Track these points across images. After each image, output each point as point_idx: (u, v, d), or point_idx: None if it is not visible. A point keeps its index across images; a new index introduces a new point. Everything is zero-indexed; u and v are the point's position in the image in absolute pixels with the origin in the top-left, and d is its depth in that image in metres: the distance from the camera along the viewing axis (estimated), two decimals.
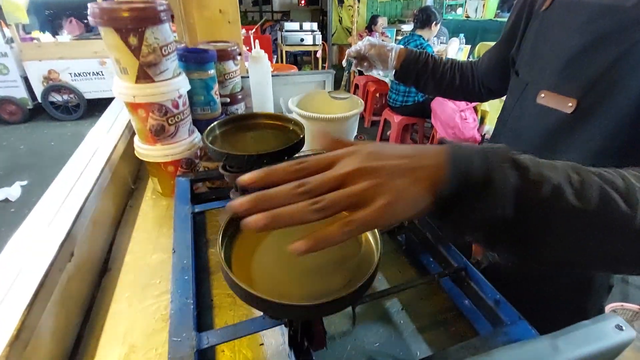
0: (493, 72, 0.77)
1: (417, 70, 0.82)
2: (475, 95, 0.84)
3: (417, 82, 0.84)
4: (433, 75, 0.82)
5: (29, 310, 0.39)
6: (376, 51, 0.81)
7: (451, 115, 2.53)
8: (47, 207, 0.56)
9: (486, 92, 0.82)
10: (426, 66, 0.82)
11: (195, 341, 0.42)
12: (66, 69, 4.03)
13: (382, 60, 0.81)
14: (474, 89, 0.82)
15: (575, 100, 0.54)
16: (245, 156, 0.54)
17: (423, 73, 0.82)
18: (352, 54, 0.83)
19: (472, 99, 0.88)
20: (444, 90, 0.85)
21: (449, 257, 0.56)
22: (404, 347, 0.49)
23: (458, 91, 0.84)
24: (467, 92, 0.84)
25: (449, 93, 0.86)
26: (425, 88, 0.85)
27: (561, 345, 0.33)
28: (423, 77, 0.83)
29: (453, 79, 0.82)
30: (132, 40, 0.62)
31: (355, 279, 0.33)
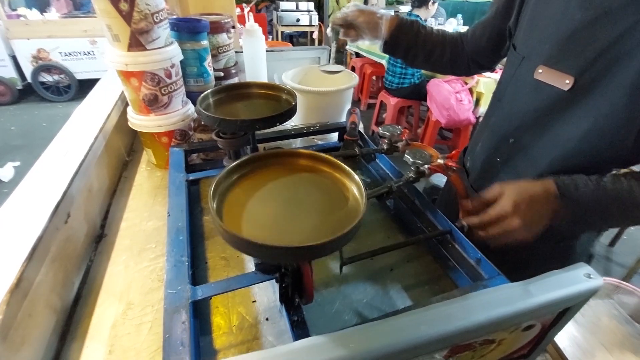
0: (485, 46, 0.74)
1: (407, 40, 0.76)
2: (463, 69, 0.81)
3: (406, 54, 0.79)
4: (423, 47, 0.77)
5: (27, 263, 0.40)
6: (365, 18, 0.73)
7: (446, 97, 2.53)
8: (43, 171, 0.57)
9: (475, 66, 0.79)
10: (417, 37, 0.77)
11: (190, 293, 0.44)
12: (56, 48, 3.93)
13: (371, 29, 0.74)
14: (463, 63, 0.79)
15: (573, 78, 0.52)
16: (238, 121, 0.55)
17: (413, 44, 0.77)
18: (338, 22, 0.75)
19: (459, 72, 0.84)
20: (433, 63, 0.81)
21: (435, 222, 0.58)
22: (389, 303, 0.52)
23: (447, 65, 0.80)
24: (456, 65, 0.80)
25: (437, 66, 0.82)
26: (414, 60, 0.80)
27: (532, 290, 0.35)
28: (413, 48, 0.77)
29: (443, 51, 0.78)
30: (123, 6, 0.61)
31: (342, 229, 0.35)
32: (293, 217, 0.39)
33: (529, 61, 0.59)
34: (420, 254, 0.60)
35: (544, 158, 0.59)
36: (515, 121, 0.63)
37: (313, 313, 0.50)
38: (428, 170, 0.59)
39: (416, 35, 0.77)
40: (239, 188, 0.41)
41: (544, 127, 0.59)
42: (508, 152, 0.65)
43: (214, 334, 0.48)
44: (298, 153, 0.45)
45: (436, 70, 0.85)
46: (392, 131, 0.65)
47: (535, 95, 0.59)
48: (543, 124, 0.59)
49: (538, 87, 0.57)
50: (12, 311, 0.36)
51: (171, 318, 0.41)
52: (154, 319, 0.50)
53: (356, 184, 0.41)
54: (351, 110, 0.82)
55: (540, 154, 0.60)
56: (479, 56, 0.76)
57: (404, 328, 0.32)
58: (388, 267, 0.58)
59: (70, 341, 0.48)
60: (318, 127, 0.84)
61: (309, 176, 0.44)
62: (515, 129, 0.63)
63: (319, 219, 0.39)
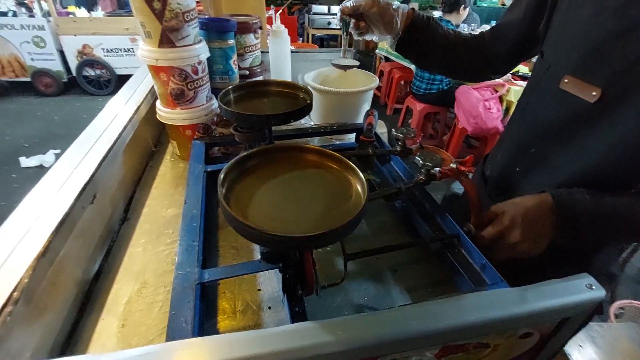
0: (507, 49, 0.69)
1: (423, 38, 0.69)
2: (478, 73, 0.76)
3: (420, 54, 0.72)
4: (439, 47, 0.71)
5: (54, 235, 0.44)
6: (379, 10, 0.66)
7: (475, 104, 2.47)
8: (75, 155, 0.62)
9: (490, 71, 0.74)
10: (434, 35, 0.70)
11: (198, 275, 0.46)
12: (99, 44, 4.18)
13: (386, 22, 0.67)
14: (479, 66, 0.74)
15: (600, 90, 0.50)
16: (254, 116, 0.57)
17: (429, 43, 0.70)
18: (348, 11, 0.68)
19: (473, 76, 0.79)
20: (447, 66, 0.75)
21: (444, 225, 0.58)
22: (390, 303, 0.53)
23: (461, 68, 0.74)
24: (471, 69, 0.74)
25: (451, 70, 0.75)
26: (428, 62, 0.74)
27: (529, 296, 0.35)
28: (429, 48, 0.70)
29: (460, 53, 0.72)
30: (156, 5, 0.66)
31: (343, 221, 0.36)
32: (297, 209, 0.40)
33: (555, 70, 0.57)
34: (426, 257, 0.60)
35: (565, 170, 0.58)
36: (537, 131, 0.61)
37: (314, 306, 0.52)
38: (439, 174, 0.59)
39: (433, 34, 0.70)
40: (248, 178, 0.43)
41: (567, 138, 0.57)
42: (528, 162, 0.63)
43: (219, 317, 0.51)
44: (306, 148, 0.47)
45: (449, 74, 0.81)
46: (406, 133, 0.66)
47: (559, 105, 0.57)
48: (566, 135, 0.57)
49: (563, 98, 0.55)
50: (38, 277, 0.40)
51: (179, 297, 0.44)
52: (165, 299, 0.53)
53: (360, 181, 0.42)
54: (369, 111, 0.83)
55: (561, 166, 0.58)
56: (498, 60, 0.72)
57: (393, 321, 0.33)
58: (392, 267, 0.59)
59: (89, 312, 0.52)
60: (335, 127, 0.85)
61: (315, 171, 0.46)
62: (537, 139, 0.62)
63: (322, 212, 0.40)
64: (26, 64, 4.13)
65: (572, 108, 0.55)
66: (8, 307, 0.35)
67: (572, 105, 0.54)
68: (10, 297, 0.35)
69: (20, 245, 0.41)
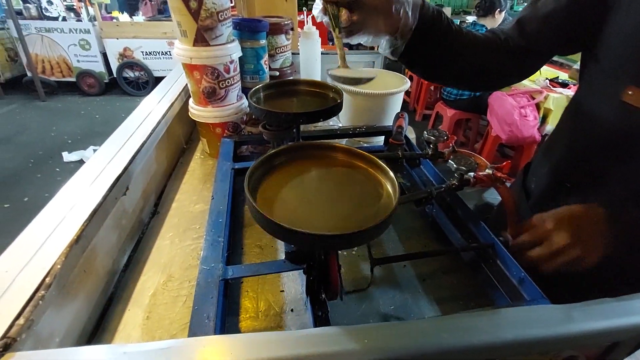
0: (538, 47, 0.58)
1: (436, 40, 0.55)
2: (493, 79, 0.64)
3: (429, 58, 0.58)
4: (451, 49, 0.57)
5: (87, 223, 0.45)
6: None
7: (509, 111, 2.37)
8: (109, 149, 0.64)
9: (518, 73, 0.62)
10: (447, 34, 0.55)
11: (222, 271, 0.46)
12: (139, 47, 4.39)
13: (387, 15, 0.51)
14: (496, 70, 0.61)
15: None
16: (282, 114, 0.57)
17: (442, 46, 0.56)
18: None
19: (494, 84, 0.67)
20: (456, 73, 0.61)
21: (477, 234, 0.55)
22: (418, 313, 0.50)
23: (473, 74, 0.61)
24: (485, 74, 0.62)
25: (469, 78, 0.62)
26: (441, 72, 0.61)
27: (575, 315, 0.32)
28: (443, 52, 0.56)
29: (474, 55, 0.59)
30: (193, 4, 0.67)
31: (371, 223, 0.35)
32: (324, 208, 0.39)
33: (615, 79, 0.51)
34: (457, 267, 0.57)
35: (622, 188, 0.52)
36: (593, 144, 0.55)
37: (338, 311, 0.50)
38: (473, 179, 0.56)
39: (446, 33, 0.55)
40: (275, 175, 0.42)
41: (629, 154, 0.51)
42: (581, 177, 0.57)
43: (241, 316, 0.50)
44: (335, 147, 0.46)
45: (464, 83, 0.67)
46: (438, 136, 0.63)
47: (621, 118, 0.51)
48: (628, 151, 0.51)
49: (625, 110, 0.49)
50: (70, 263, 0.41)
51: (202, 292, 0.43)
52: (189, 294, 0.54)
53: (391, 181, 0.41)
54: (399, 114, 0.81)
55: (618, 184, 0.53)
56: (524, 59, 0.60)
57: (423, 333, 0.31)
58: (421, 276, 0.56)
59: (116, 302, 0.53)
60: (364, 129, 0.83)
61: (344, 170, 0.44)
62: (592, 153, 0.56)
63: (350, 212, 0.39)
64: (72, 65, 4.41)
65: (635, 122, 0.49)
66: (40, 292, 0.36)
67: (635, 119, 0.48)
68: (43, 282, 0.36)
69: (55, 233, 0.42)
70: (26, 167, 2.96)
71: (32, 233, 0.43)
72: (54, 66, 4.43)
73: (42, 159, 3.10)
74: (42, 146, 3.29)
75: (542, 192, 0.64)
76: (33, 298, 0.35)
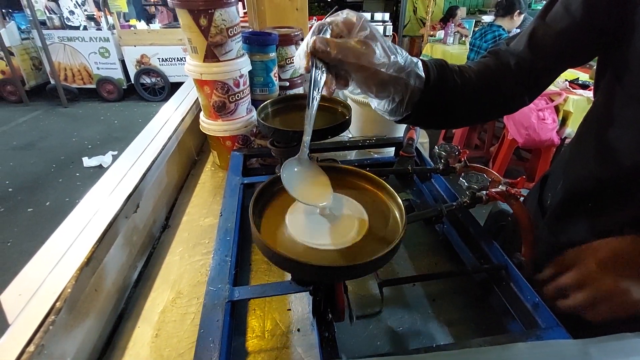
0: (552, 65, 0.54)
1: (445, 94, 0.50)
2: (511, 104, 0.58)
3: (435, 117, 0.53)
4: (465, 98, 0.52)
5: (97, 245, 0.46)
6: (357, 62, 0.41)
7: (527, 114, 2.31)
8: (121, 167, 0.65)
9: (530, 94, 0.56)
10: (456, 86, 0.50)
11: (228, 293, 0.46)
12: (155, 54, 4.50)
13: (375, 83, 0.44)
14: (513, 96, 0.56)
15: None
16: (290, 132, 0.57)
17: (450, 99, 0.51)
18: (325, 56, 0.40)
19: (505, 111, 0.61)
20: (472, 117, 0.58)
21: (490, 254, 0.53)
22: (427, 336, 0.49)
23: (496, 108, 0.57)
24: (505, 103, 0.57)
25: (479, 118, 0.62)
26: (450, 122, 0.59)
27: (593, 352, 0.30)
28: (450, 105, 0.52)
29: (494, 94, 0.54)
30: (203, 21, 0.68)
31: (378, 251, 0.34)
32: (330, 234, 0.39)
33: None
34: (468, 287, 0.55)
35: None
36: (619, 166, 0.50)
37: (345, 332, 0.49)
38: (486, 197, 0.55)
39: (454, 82, 0.50)
40: (280, 200, 0.42)
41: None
42: (604, 198, 0.52)
43: (248, 336, 0.50)
44: (341, 169, 0.45)
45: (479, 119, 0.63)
46: (449, 151, 0.62)
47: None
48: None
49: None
50: (80, 286, 0.42)
51: (208, 314, 0.44)
52: (197, 311, 0.54)
53: (398, 206, 0.40)
54: (410, 126, 0.80)
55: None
56: (543, 77, 0.55)
57: None
58: (431, 296, 0.55)
59: (126, 319, 0.53)
60: (374, 141, 0.82)
61: (350, 193, 0.44)
62: (617, 172, 0.50)
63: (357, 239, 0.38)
64: (92, 72, 4.56)
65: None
66: (51, 317, 0.36)
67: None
68: (54, 307, 0.37)
69: (65, 257, 0.43)
70: (49, 172, 3.07)
71: (45, 255, 0.44)
72: (76, 74, 4.59)
73: (64, 163, 3.21)
74: (64, 151, 3.41)
75: (559, 209, 0.60)
76: (43, 324, 0.36)
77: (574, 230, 0.50)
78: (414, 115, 0.49)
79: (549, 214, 0.62)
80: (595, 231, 0.49)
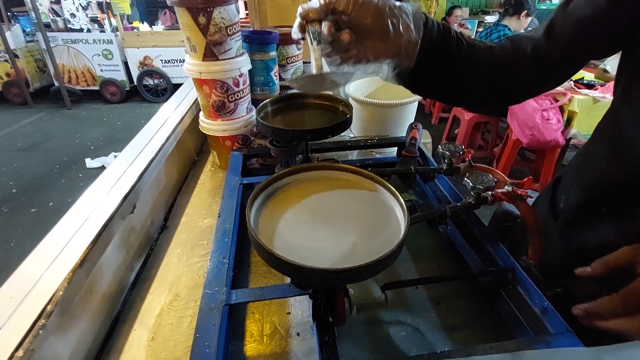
0: (570, 55, 0.52)
1: (450, 55, 0.49)
2: (524, 95, 0.57)
3: (441, 84, 0.52)
4: (473, 70, 0.50)
5: (92, 246, 0.45)
6: (372, 17, 0.42)
7: (531, 114, 2.28)
8: (118, 167, 0.64)
9: (548, 85, 0.55)
10: (461, 50, 0.49)
11: (225, 296, 0.45)
12: (158, 55, 4.51)
13: (382, 32, 0.43)
14: (526, 88, 0.55)
15: None
16: (290, 131, 0.55)
17: (455, 63, 0.49)
18: (315, 15, 0.42)
19: (515, 101, 0.60)
20: (481, 97, 0.56)
21: (496, 256, 0.51)
22: (431, 340, 0.47)
23: (508, 96, 0.56)
24: (516, 94, 0.56)
25: (489, 100, 0.57)
26: (459, 96, 0.56)
27: None
28: (457, 71, 0.50)
29: (506, 77, 0.53)
30: (201, 20, 0.67)
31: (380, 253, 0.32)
32: (331, 236, 0.37)
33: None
34: (473, 291, 0.54)
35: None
36: (633, 166, 0.47)
37: (345, 336, 0.48)
38: (491, 198, 0.53)
39: (458, 45, 0.49)
40: (277, 200, 0.41)
41: None
42: (621, 203, 0.49)
43: (246, 340, 0.49)
44: (341, 167, 0.44)
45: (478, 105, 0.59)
46: (453, 151, 0.60)
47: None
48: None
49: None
50: (73, 288, 0.41)
51: (204, 318, 0.42)
52: (193, 314, 0.52)
53: (400, 206, 0.38)
54: (413, 125, 0.78)
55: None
56: (560, 69, 0.53)
57: None
58: (435, 299, 0.53)
59: (122, 322, 0.52)
60: (375, 141, 0.81)
61: (352, 192, 0.42)
62: (633, 175, 0.47)
63: (358, 240, 0.37)
64: (96, 74, 4.58)
65: None
66: (41, 321, 0.35)
67: None
68: (44, 310, 0.36)
69: (58, 258, 0.42)
70: (52, 173, 3.08)
71: (38, 256, 0.43)
72: (79, 76, 4.61)
73: (67, 165, 3.22)
74: (67, 152, 3.42)
75: (572, 214, 0.56)
76: (33, 328, 0.34)
77: (587, 236, 0.47)
78: (415, 75, 0.48)
79: (562, 218, 0.58)
80: (610, 238, 0.47)
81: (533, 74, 0.53)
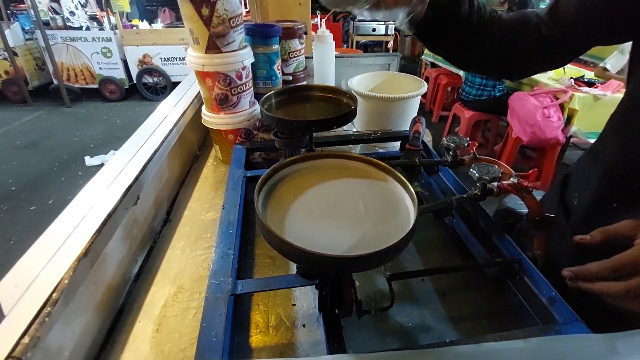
0: (573, 38, 0.52)
1: (460, 11, 0.51)
2: (525, 69, 0.59)
3: (451, 40, 0.55)
4: (481, 31, 0.53)
5: (96, 236, 0.45)
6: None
7: (531, 112, 2.28)
8: (120, 160, 0.64)
9: (547, 64, 0.56)
10: (471, 8, 0.52)
11: (231, 286, 0.44)
12: (157, 53, 4.50)
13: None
14: (524, 56, 0.56)
15: None
16: (294, 122, 0.55)
17: (465, 20, 0.52)
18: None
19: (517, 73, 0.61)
20: (485, 60, 0.57)
21: (502, 248, 0.51)
22: (438, 331, 0.47)
23: (510, 65, 0.57)
24: (519, 65, 0.57)
25: (492, 65, 0.58)
26: (466, 55, 0.58)
27: (620, 347, 0.28)
28: (465, 29, 0.53)
29: (510, 45, 0.54)
30: (205, 11, 0.66)
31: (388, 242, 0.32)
32: (339, 224, 0.37)
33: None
34: (480, 282, 0.54)
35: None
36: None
37: (352, 328, 0.48)
38: (497, 189, 0.53)
39: (469, 3, 0.52)
40: (286, 187, 0.40)
41: None
42: (632, 199, 0.48)
43: (251, 331, 0.49)
44: (350, 156, 0.43)
45: (482, 68, 0.63)
46: (458, 142, 0.60)
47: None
48: None
49: None
50: (78, 278, 0.41)
51: (210, 308, 0.42)
52: (198, 306, 0.52)
53: (410, 194, 0.38)
54: (416, 119, 0.78)
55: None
56: (560, 49, 0.54)
57: None
58: (441, 290, 0.53)
59: (127, 313, 0.52)
60: (379, 135, 0.81)
61: (360, 181, 0.42)
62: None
63: (366, 229, 0.36)
64: (95, 72, 4.56)
65: None
66: (47, 308, 0.35)
67: None
68: (50, 298, 0.36)
69: (63, 247, 0.42)
70: (51, 171, 3.07)
71: (42, 246, 0.43)
72: (78, 74, 4.59)
73: (66, 162, 3.20)
74: (67, 150, 3.41)
75: (584, 212, 0.55)
76: (39, 315, 0.34)
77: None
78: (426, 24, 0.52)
79: (574, 217, 0.57)
80: None
81: (535, 50, 0.54)
